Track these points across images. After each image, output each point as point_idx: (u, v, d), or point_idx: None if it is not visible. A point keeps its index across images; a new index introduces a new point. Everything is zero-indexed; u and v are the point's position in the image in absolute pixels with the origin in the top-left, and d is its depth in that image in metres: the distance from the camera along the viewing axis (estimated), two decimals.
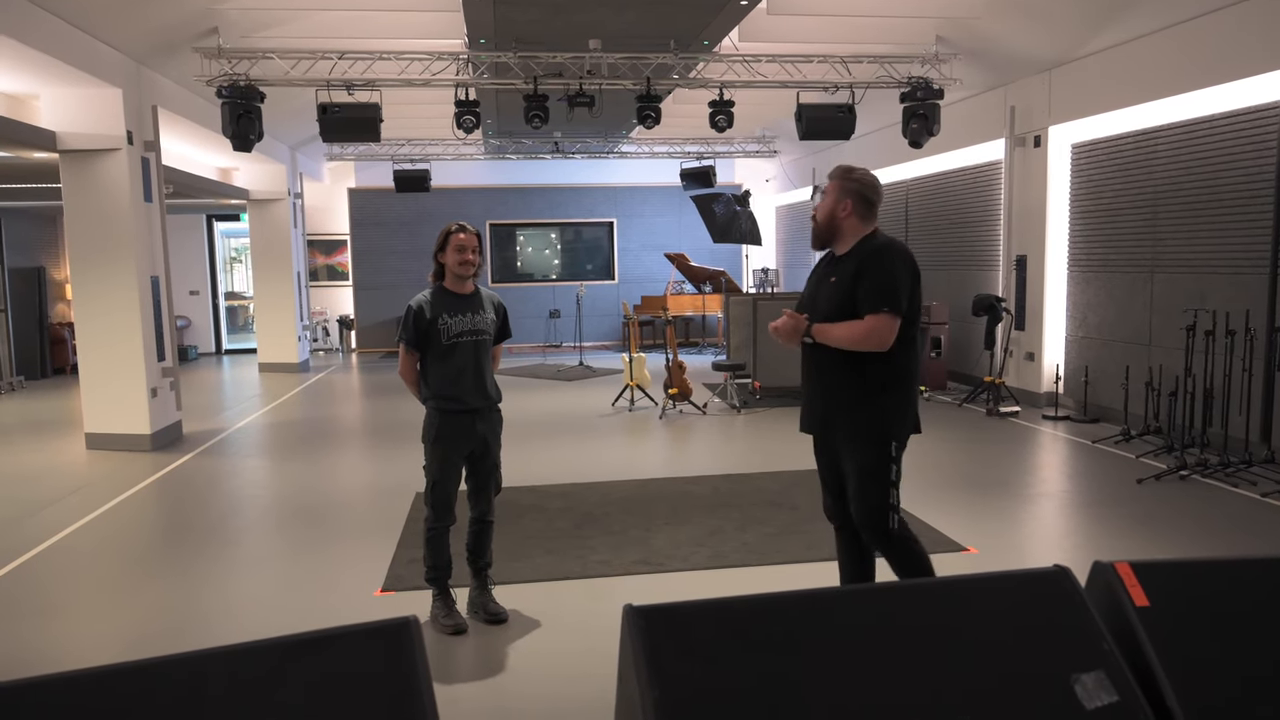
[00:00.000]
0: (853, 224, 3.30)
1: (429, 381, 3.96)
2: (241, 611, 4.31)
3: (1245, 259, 6.68)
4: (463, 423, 3.94)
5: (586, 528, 5.40)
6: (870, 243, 3.28)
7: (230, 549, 5.25)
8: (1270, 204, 6.43)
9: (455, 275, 3.97)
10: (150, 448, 7.96)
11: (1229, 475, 6.00)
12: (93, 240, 7.85)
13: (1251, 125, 6.65)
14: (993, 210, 10.03)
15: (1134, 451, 6.90)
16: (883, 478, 3.19)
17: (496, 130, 13.68)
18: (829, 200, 3.33)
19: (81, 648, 3.94)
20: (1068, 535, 5.14)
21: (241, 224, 16.28)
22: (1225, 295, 6.77)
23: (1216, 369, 6.48)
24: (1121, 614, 1.43)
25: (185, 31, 7.90)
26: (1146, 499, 5.71)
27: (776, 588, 4.29)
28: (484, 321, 4.02)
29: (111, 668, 1.42)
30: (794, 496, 5.98)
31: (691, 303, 15.61)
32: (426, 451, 3.97)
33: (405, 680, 1.49)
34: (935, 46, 8.97)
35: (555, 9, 7.71)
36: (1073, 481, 6.35)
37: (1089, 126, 8.51)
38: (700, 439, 8.21)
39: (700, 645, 1.44)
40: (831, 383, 3.29)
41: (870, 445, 3.21)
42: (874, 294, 3.15)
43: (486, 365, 4.03)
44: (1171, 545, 4.81)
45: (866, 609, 1.49)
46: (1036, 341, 9.15)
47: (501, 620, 4.04)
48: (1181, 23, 7.05)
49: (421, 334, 3.90)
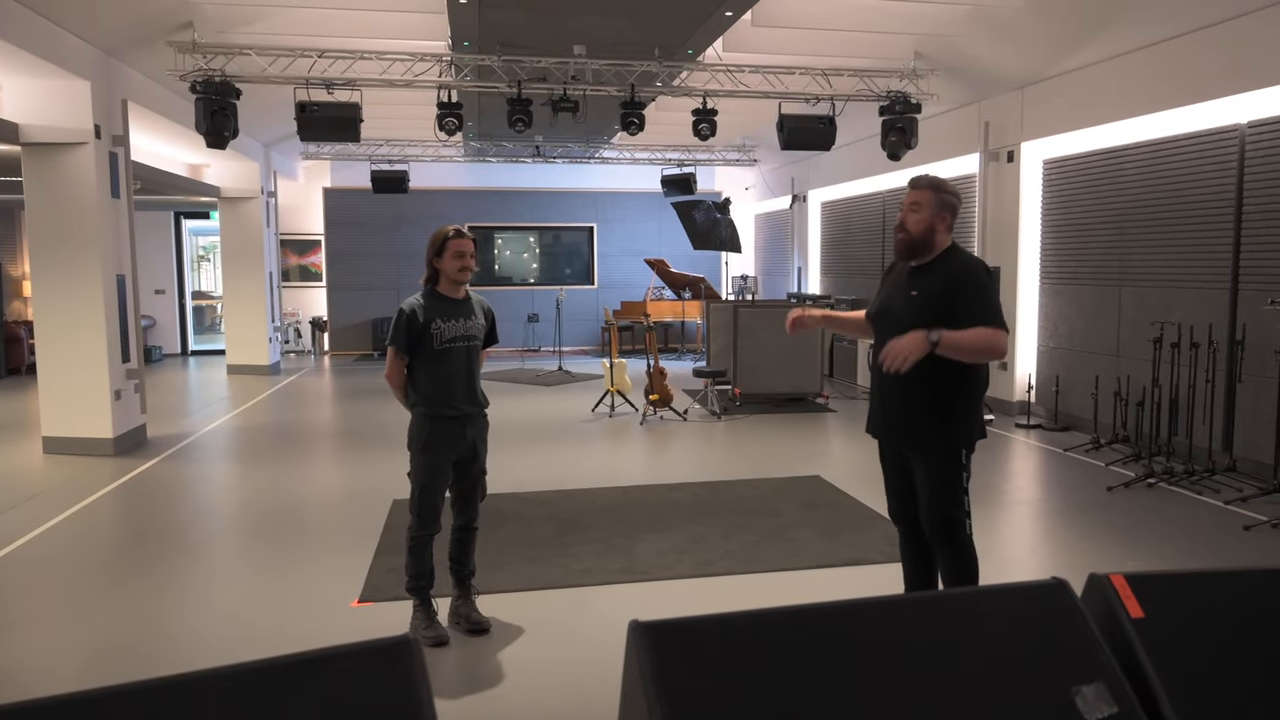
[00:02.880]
0: (944, 236, 3.33)
1: (419, 386, 3.91)
2: (210, 626, 4.19)
3: (1208, 274, 6.86)
4: (453, 428, 3.91)
5: (569, 535, 5.41)
6: (957, 259, 3.30)
7: (197, 559, 5.11)
8: (1231, 222, 6.62)
9: (453, 281, 3.93)
10: (112, 452, 7.72)
11: (1194, 483, 6.17)
12: (56, 236, 7.59)
13: (1214, 146, 6.84)
14: (967, 223, 10.17)
15: (1103, 459, 7.05)
16: (957, 485, 3.24)
17: (477, 133, 13.64)
18: (925, 214, 3.29)
19: (38, 664, 3.80)
20: (1044, 541, 5.25)
21: (210, 222, 16.03)
22: (1189, 308, 6.94)
23: (1181, 380, 6.65)
24: (1117, 625, 1.48)
25: (159, 25, 7.72)
26: (1117, 506, 5.84)
27: (762, 597, 4.40)
28: (475, 326, 4.00)
29: (104, 691, 1.40)
30: (776, 504, 6.03)
31: (671, 308, 15.66)
32: (414, 458, 3.92)
33: (408, 701, 1.46)
34: (914, 62, 9.10)
35: (541, 14, 7.72)
36: (1046, 489, 6.47)
37: (1060, 143, 8.67)
38: (681, 446, 8.24)
39: (708, 662, 1.47)
40: (911, 393, 3.27)
41: (945, 455, 3.25)
42: (983, 308, 3.15)
43: (477, 371, 4.02)
44: (1144, 551, 4.92)
45: (871, 623, 1.53)
46: (1009, 352, 9.28)
47: (484, 630, 4.01)
48: (1148, 46, 7.23)
49: (414, 338, 3.85)
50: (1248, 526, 5.25)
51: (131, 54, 8.07)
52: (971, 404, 3.27)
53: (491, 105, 10.72)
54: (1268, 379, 6.07)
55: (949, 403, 3.23)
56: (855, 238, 13.10)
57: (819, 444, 7.94)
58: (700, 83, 9.56)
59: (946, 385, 3.21)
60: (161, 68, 8.21)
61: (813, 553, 5.01)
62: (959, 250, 3.35)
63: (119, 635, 4.07)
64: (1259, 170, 6.41)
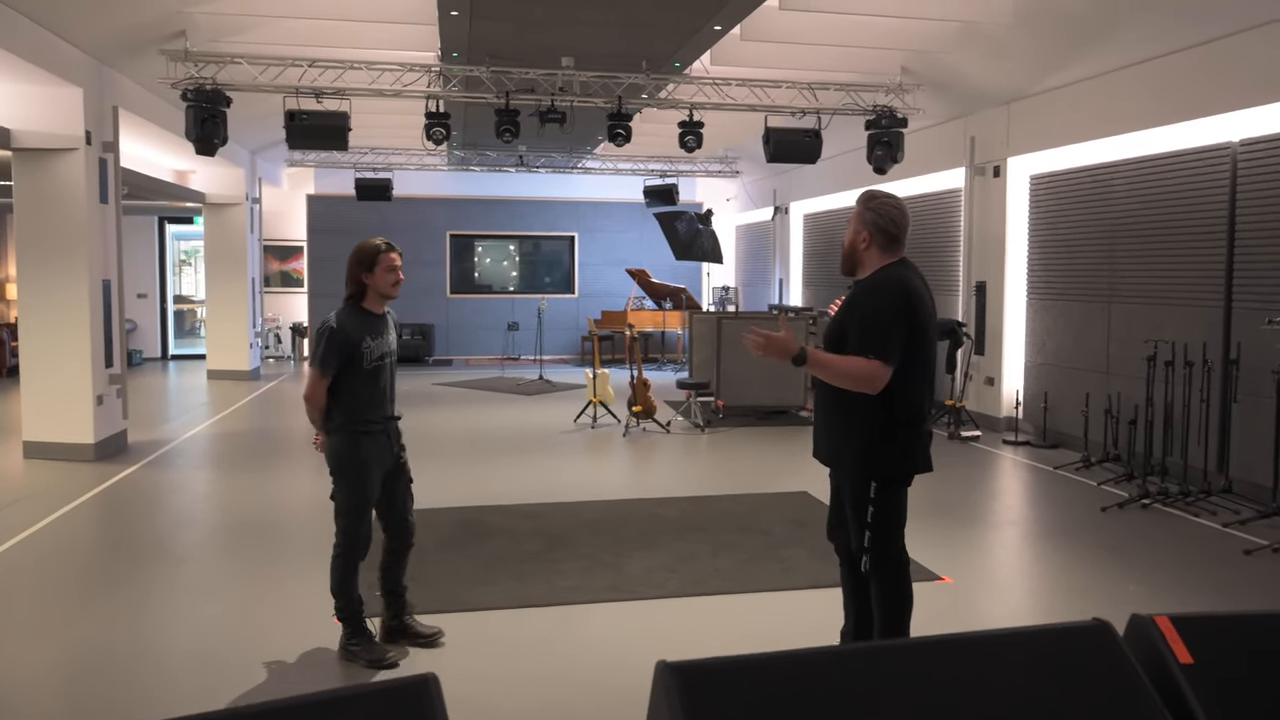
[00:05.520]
0: (873, 255, 3.22)
1: (344, 406, 3.75)
2: (190, 638, 4.12)
3: (1200, 292, 6.88)
4: (381, 442, 3.84)
5: (556, 551, 5.33)
6: (874, 279, 3.19)
7: (178, 568, 5.05)
8: (1224, 240, 6.64)
9: (384, 296, 3.82)
10: (93, 458, 7.66)
11: (1189, 504, 6.13)
12: (43, 241, 7.60)
13: (1206, 163, 6.87)
14: (953, 237, 10.21)
15: (1095, 479, 7.04)
16: (862, 518, 3.13)
17: (463, 142, 13.57)
18: (850, 229, 3.27)
19: (13, 677, 3.71)
20: (1038, 562, 5.22)
21: (194, 227, 15.93)
22: (1181, 326, 6.95)
23: (1175, 398, 6.64)
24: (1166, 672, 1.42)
25: (152, 33, 7.72)
26: (1112, 527, 5.81)
27: (754, 617, 4.34)
28: (394, 341, 3.96)
29: None
30: (763, 520, 5.98)
31: (652, 318, 15.62)
32: (345, 480, 3.79)
33: None
34: (900, 77, 9.13)
35: (530, 26, 7.67)
36: (1038, 508, 6.45)
37: (1047, 159, 8.71)
38: (665, 458, 8.18)
39: (742, 706, 1.41)
40: (829, 415, 3.25)
41: (855, 484, 3.16)
42: (861, 335, 3.05)
43: (395, 385, 3.98)
44: (1143, 576, 4.89)
45: (907, 665, 1.47)
46: (996, 366, 9.32)
47: (437, 638, 3.94)
48: (1139, 63, 7.27)
49: (345, 358, 3.71)
50: (1248, 551, 5.20)
51: (124, 61, 8.05)
52: (888, 435, 3.08)
53: (478, 115, 10.65)
54: (1265, 399, 6.03)
55: (864, 430, 3.10)
56: (838, 250, 13.02)
57: (804, 458, 7.82)
58: (687, 95, 9.54)
59: (864, 412, 3.08)
60: (153, 75, 8.18)
61: (805, 573, 4.96)
62: (887, 269, 3.17)
63: (97, 648, 3.99)
64: (1253, 188, 6.43)
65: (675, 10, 7.17)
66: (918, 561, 5.09)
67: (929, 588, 4.63)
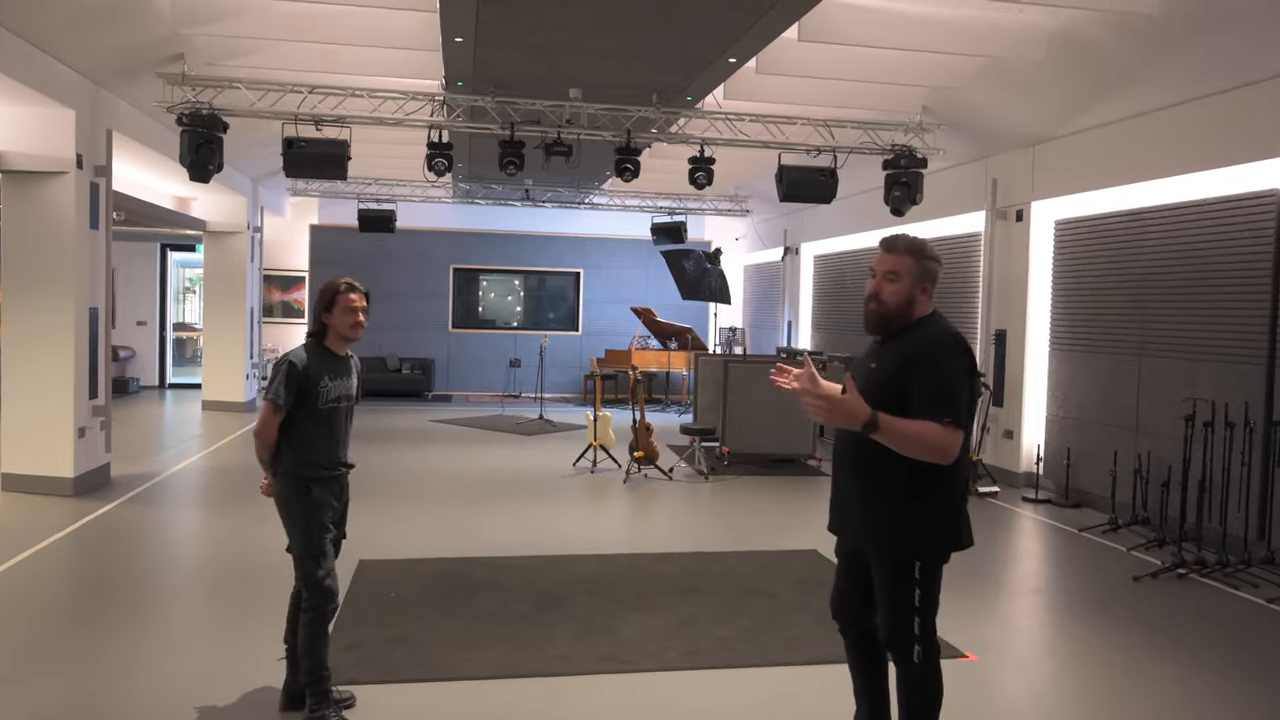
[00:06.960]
0: (924, 308, 2.86)
1: (295, 446, 3.54)
2: (168, 689, 3.82)
3: (1239, 347, 6.47)
4: (332, 488, 3.62)
5: (546, 612, 4.92)
6: (929, 330, 2.81)
7: (156, 613, 4.76)
8: (1267, 292, 6.23)
9: (343, 338, 3.62)
10: (72, 492, 7.35)
11: (1228, 575, 5.68)
12: (30, 266, 7.38)
13: (1247, 211, 6.50)
14: (971, 282, 9.85)
15: (1123, 543, 6.58)
16: (906, 602, 2.77)
17: (467, 174, 13.33)
18: (905, 283, 2.81)
19: None
20: (1067, 638, 4.77)
21: (197, 254, 15.71)
22: (1218, 383, 6.54)
23: (1215, 461, 6.21)
24: None
25: (149, 56, 7.53)
26: (1146, 600, 5.36)
27: (760, 694, 3.90)
28: (353, 386, 3.73)
29: None
30: (770, 582, 5.56)
31: (656, 358, 15.25)
32: (299, 525, 3.54)
33: None
34: (920, 115, 8.84)
35: (537, 55, 7.41)
36: (1065, 575, 6.00)
37: (1074, 203, 8.37)
38: (667, 508, 7.77)
39: None
40: (870, 481, 2.82)
41: (897, 561, 2.78)
42: (933, 398, 2.67)
43: (350, 432, 3.76)
44: (1186, 659, 4.45)
45: None
46: (1015, 419, 8.90)
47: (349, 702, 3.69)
48: (1172, 106, 6.93)
49: (299, 395, 3.50)
50: None
51: (120, 84, 7.87)
52: (942, 505, 2.75)
53: (482, 147, 10.40)
54: None
55: (916, 500, 2.73)
56: (849, 293, 12.76)
57: (813, 512, 7.47)
58: (698, 130, 9.26)
59: (918, 479, 2.71)
60: (149, 98, 7.99)
61: (814, 645, 4.53)
62: (934, 320, 2.84)
63: (68, 698, 3.73)
64: None
65: (688, 40, 6.90)
66: (940, 636, 4.68)
67: (953, 665, 4.18)
